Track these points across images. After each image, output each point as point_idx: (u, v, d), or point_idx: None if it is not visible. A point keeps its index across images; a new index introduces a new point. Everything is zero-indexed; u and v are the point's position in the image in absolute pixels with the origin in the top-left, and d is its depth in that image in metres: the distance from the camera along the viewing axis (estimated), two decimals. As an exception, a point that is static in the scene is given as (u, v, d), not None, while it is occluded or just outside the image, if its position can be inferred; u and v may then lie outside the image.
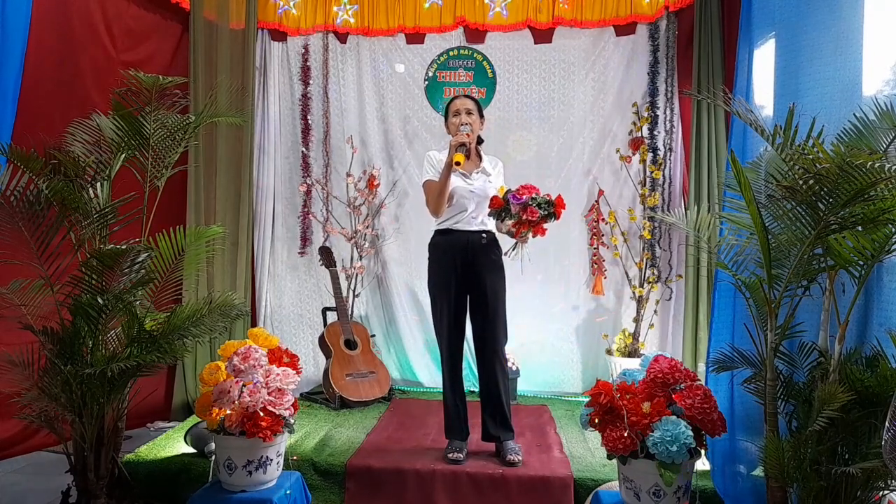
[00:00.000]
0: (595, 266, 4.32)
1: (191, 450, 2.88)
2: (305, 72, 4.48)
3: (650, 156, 4.16)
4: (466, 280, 2.89)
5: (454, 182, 2.85)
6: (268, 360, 2.40)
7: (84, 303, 2.19)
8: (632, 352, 4.08)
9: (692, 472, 2.10)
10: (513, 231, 2.67)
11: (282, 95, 4.55)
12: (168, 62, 3.94)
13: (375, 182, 4.39)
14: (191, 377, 3.90)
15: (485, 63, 4.42)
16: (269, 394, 2.29)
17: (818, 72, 2.19)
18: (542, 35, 4.36)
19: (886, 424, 1.24)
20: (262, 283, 4.48)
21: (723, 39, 3.77)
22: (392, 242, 4.52)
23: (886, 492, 1.85)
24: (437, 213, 2.89)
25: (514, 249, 2.73)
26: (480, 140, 3.05)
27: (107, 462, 2.39)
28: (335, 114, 4.51)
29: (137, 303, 2.41)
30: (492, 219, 2.83)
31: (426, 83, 4.46)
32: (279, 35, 4.49)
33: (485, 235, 2.90)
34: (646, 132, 4.18)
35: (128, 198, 2.44)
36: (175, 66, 3.91)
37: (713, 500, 2.50)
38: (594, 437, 3.15)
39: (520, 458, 2.80)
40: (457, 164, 2.69)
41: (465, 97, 3.01)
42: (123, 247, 2.18)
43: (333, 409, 3.71)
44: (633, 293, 4.19)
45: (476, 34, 4.41)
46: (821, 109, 2.10)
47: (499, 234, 2.89)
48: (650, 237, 4.14)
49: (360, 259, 4.42)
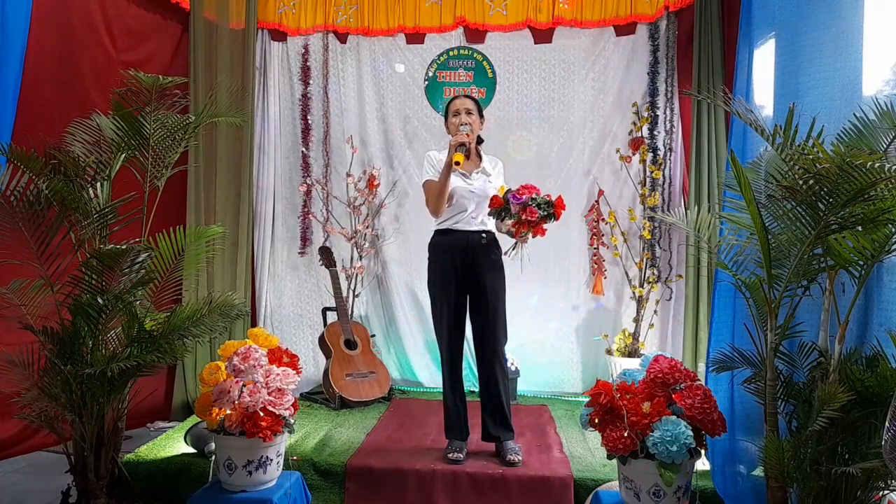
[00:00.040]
0: (595, 266, 4.32)
1: (191, 450, 2.88)
2: (305, 72, 4.48)
3: (650, 156, 4.16)
4: (466, 280, 2.89)
5: (454, 182, 2.85)
6: (268, 360, 2.40)
7: (84, 303, 2.19)
8: (632, 352, 4.08)
9: (692, 472, 2.10)
10: (512, 231, 2.67)
11: (282, 95, 4.55)
12: (168, 62, 3.95)
13: (375, 182, 4.39)
14: (191, 377, 3.91)
15: (485, 63, 4.42)
16: (269, 394, 2.29)
17: (818, 72, 2.19)
18: (542, 35, 4.36)
19: (886, 424, 1.24)
20: (262, 283, 4.49)
21: (723, 39, 3.77)
22: (392, 242, 4.52)
23: (886, 492, 1.85)
24: (437, 213, 2.89)
25: (514, 249, 2.73)
26: (480, 140, 3.05)
27: (107, 462, 2.39)
28: (335, 114, 4.51)
29: (137, 303, 2.41)
30: (492, 218, 2.83)
31: (426, 83, 4.46)
32: (279, 35, 4.49)
33: (485, 235, 2.90)
34: (646, 132, 4.18)
35: (128, 198, 2.44)
36: (175, 66, 3.91)
37: (713, 500, 2.50)
38: (594, 437, 3.15)
39: (520, 458, 2.80)
40: (456, 164, 2.69)
41: (465, 97, 3.01)
42: (123, 247, 2.18)
43: (333, 409, 3.71)
44: (633, 293, 4.19)
45: (476, 34, 4.41)
46: (821, 109, 2.10)
47: (499, 234, 2.89)
48: (650, 237, 4.14)
49: (360, 259, 4.42)
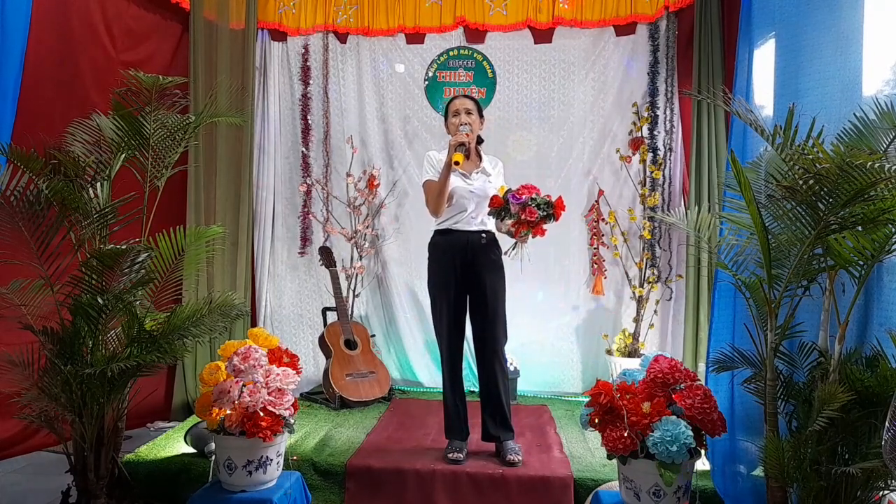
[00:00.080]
0: (595, 266, 4.32)
1: (191, 450, 2.88)
2: (305, 72, 4.48)
3: (650, 156, 4.16)
4: (466, 280, 2.89)
5: (454, 182, 2.85)
6: (268, 360, 2.40)
7: (84, 303, 2.19)
8: (632, 352, 4.08)
9: (692, 472, 2.10)
10: (512, 231, 2.67)
11: (282, 95, 4.55)
12: (168, 62, 3.95)
13: (375, 182, 4.39)
14: (191, 377, 3.91)
15: (485, 63, 4.42)
16: (269, 394, 2.29)
17: (818, 72, 2.19)
18: (542, 35, 4.36)
19: (886, 424, 1.24)
20: (262, 283, 4.49)
21: (723, 39, 3.77)
22: (392, 242, 4.52)
23: (886, 492, 1.85)
24: (437, 213, 2.89)
25: (514, 249, 2.73)
26: (480, 140, 3.05)
27: (107, 462, 2.39)
28: (335, 114, 4.51)
29: (137, 303, 2.41)
30: (492, 218, 2.83)
31: (426, 83, 4.46)
32: (279, 35, 4.49)
33: (484, 235, 2.90)
34: (646, 132, 4.18)
35: (128, 198, 2.44)
36: (175, 66, 3.91)
37: (713, 500, 2.50)
38: (594, 437, 3.15)
39: (520, 458, 2.80)
40: (456, 164, 2.68)
41: (465, 97, 3.01)
42: (123, 247, 2.18)
43: (333, 409, 3.71)
44: (633, 293, 4.19)
45: (476, 34, 4.41)
46: (821, 109, 2.10)
47: (499, 234, 2.89)
48: (650, 237, 4.14)
49: (360, 259, 4.42)
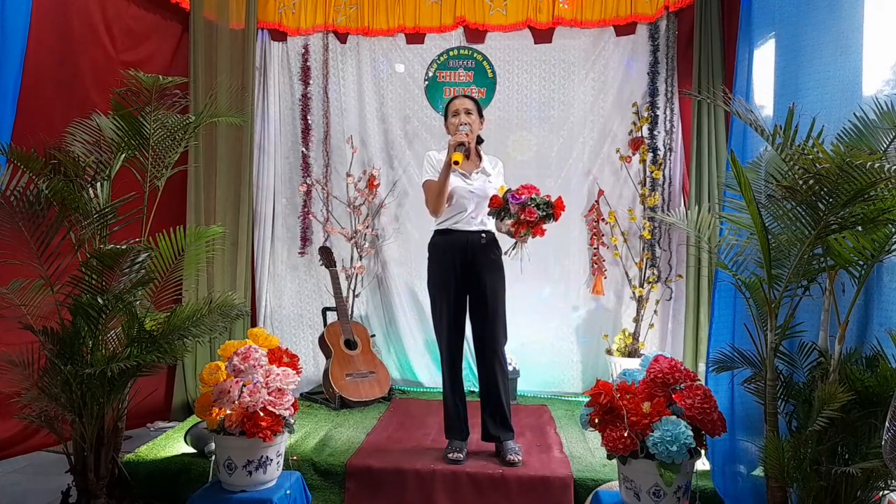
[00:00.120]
0: (595, 266, 4.32)
1: (191, 450, 2.88)
2: (305, 72, 4.48)
3: (650, 156, 4.16)
4: (466, 280, 2.89)
5: (454, 182, 2.85)
6: (268, 360, 2.40)
7: (84, 303, 2.19)
8: (632, 352, 4.08)
9: (692, 472, 2.10)
10: (511, 231, 2.67)
11: (282, 95, 4.55)
12: (168, 62, 3.95)
13: (375, 182, 4.39)
14: (191, 377, 3.90)
15: (485, 63, 4.42)
16: (269, 394, 2.29)
17: (818, 72, 2.19)
18: (542, 35, 4.36)
19: (886, 424, 1.24)
20: (262, 283, 4.49)
21: (723, 39, 3.77)
22: (392, 242, 4.52)
23: (886, 492, 1.85)
24: (437, 213, 2.89)
25: (514, 249, 2.73)
26: (480, 140, 3.05)
27: (107, 462, 2.39)
28: (335, 114, 4.51)
29: (137, 303, 2.41)
30: (491, 218, 2.83)
31: (426, 83, 4.46)
32: (279, 35, 4.49)
33: (484, 235, 2.90)
34: (646, 132, 4.18)
35: (128, 198, 2.44)
36: (175, 66, 3.91)
37: (713, 500, 2.50)
38: (594, 437, 3.15)
39: (520, 458, 2.80)
40: (455, 164, 2.68)
41: (465, 97, 3.01)
42: (123, 247, 2.18)
43: (333, 409, 3.71)
44: (633, 293, 4.19)
45: (476, 34, 4.41)
46: (821, 109, 2.10)
47: (499, 234, 2.89)
48: (650, 237, 4.14)
49: (360, 259, 4.42)
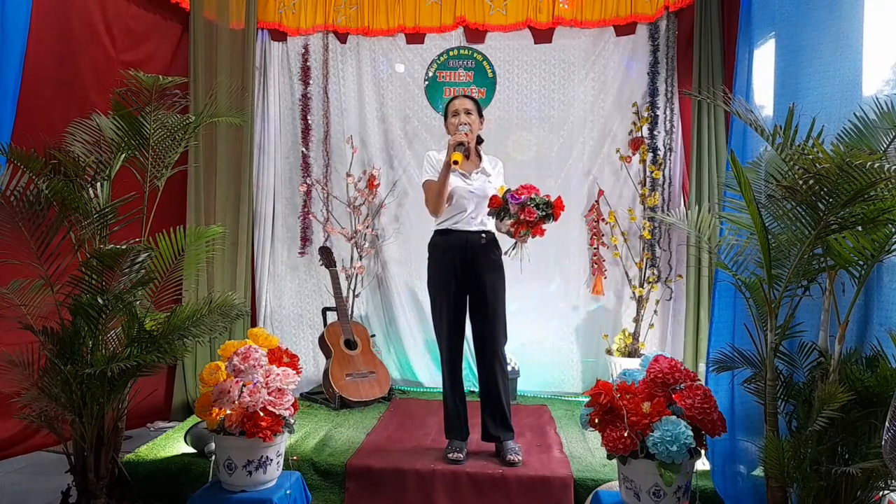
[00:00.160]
0: (595, 266, 4.32)
1: (191, 450, 2.88)
2: (305, 72, 4.48)
3: (650, 156, 4.16)
4: (466, 280, 2.89)
5: (453, 182, 2.85)
6: (268, 360, 2.40)
7: (84, 303, 2.19)
8: (632, 352, 4.08)
9: (692, 472, 2.10)
10: (511, 231, 2.67)
11: (282, 95, 4.55)
12: (168, 62, 3.95)
13: (375, 182, 4.39)
14: (191, 377, 3.91)
15: (485, 63, 4.42)
16: (269, 394, 2.29)
17: (818, 72, 2.19)
18: (542, 35, 4.36)
19: (886, 424, 1.24)
20: (262, 283, 4.49)
21: (723, 39, 3.77)
22: (392, 242, 4.52)
23: (886, 492, 1.85)
24: (437, 213, 2.89)
25: (514, 249, 2.73)
26: (480, 140, 3.05)
27: (107, 462, 2.39)
28: (335, 114, 4.51)
29: (137, 303, 2.41)
30: (491, 218, 2.83)
31: (426, 83, 4.46)
32: (279, 35, 4.49)
33: (484, 235, 2.90)
34: (646, 132, 4.18)
35: (128, 198, 2.44)
36: (175, 66, 3.91)
37: (713, 500, 2.50)
38: (594, 437, 3.15)
39: (520, 458, 2.80)
40: (455, 164, 2.68)
41: (465, 97, 3.01)
42: (123, 247, 2.18)
43: (333, 409, 3.71)
44: (633, 293, 4.19)
45: (476, 34, 4.41)
46: (821, 109, 2.10)
47: (499, 234, 2.89)
48: (650, 237, 4.14)
49: (360, 259, 4.42)
